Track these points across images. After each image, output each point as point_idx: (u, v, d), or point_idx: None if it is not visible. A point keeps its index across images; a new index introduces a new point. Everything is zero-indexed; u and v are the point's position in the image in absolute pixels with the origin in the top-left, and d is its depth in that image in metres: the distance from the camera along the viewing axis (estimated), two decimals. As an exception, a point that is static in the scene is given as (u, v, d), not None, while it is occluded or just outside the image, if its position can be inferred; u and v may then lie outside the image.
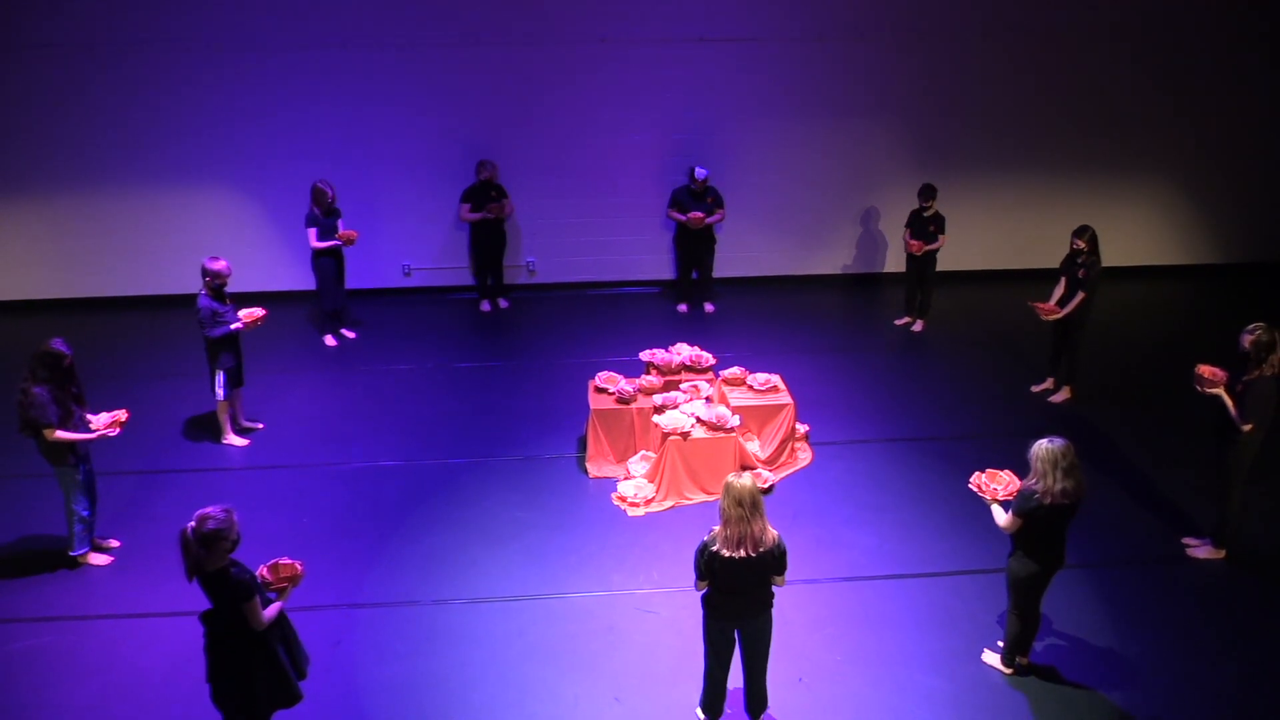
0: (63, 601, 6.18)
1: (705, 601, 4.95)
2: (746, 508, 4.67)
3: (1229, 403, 6.16)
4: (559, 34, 10.50)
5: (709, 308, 10.82)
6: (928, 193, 9.81)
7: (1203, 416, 6.38)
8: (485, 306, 10.86)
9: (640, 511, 7.13)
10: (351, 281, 11.20)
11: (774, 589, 4.90)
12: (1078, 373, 8.75)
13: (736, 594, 4.82)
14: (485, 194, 10.27)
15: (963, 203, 11.46)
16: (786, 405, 7.69)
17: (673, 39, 10.63)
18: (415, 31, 10.35)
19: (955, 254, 11.47)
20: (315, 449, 7.98)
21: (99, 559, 6.59)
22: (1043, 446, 5.09)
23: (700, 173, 10.15)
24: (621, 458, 7.70)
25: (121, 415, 6.48)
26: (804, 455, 7.87)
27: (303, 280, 11.06)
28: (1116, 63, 11.14)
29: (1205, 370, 6.24)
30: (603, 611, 6.08)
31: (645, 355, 8.21)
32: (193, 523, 4.43)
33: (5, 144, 10.34)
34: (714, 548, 4.73)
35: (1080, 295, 8.32)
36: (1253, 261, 12.13)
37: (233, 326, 7.70)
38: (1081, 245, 8.29)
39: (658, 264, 11.49)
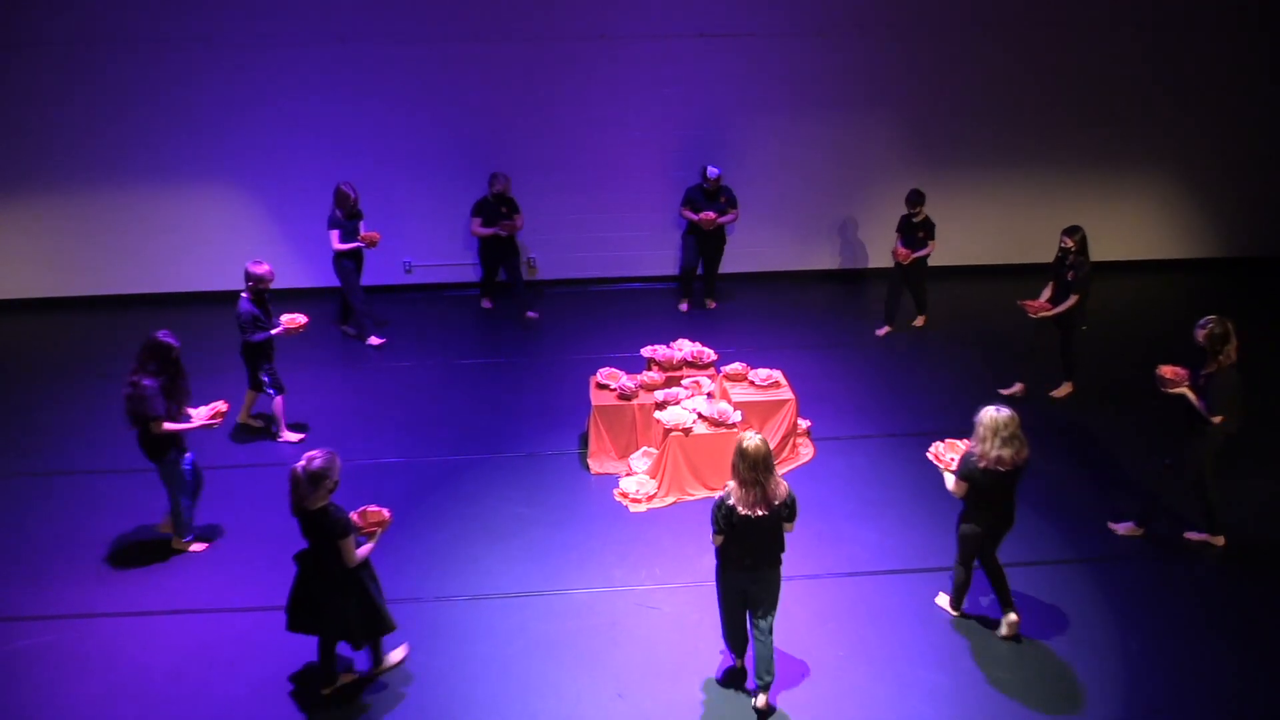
0: (65, 600, 6.18)
1: (720, 554, 5.13)
2: (760, 470, 4.87)
3: (1193, 399, 6.24)
4: (559, 30, 10.49)
5: (711, 304, 10.82)
6: (916, 198, 9.56)
7: (1172, 414, 6.51)
8: (487, 304, 10.84)
9: (642, 507, 7.14)
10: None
11: (785, 536, 5.14)
12: (1076, 369, 8.74)
13: (751, 547, 5.01)
14: (496, 209, 10.06)
15: (964, 197, 11.46)
16: (788, 401, 7.68)
17: (673, 35, 10.62)
18: (415, 28, 10.34)
19: (957, 249, 11.47)
20: (316, 446, 7.95)
21: (199, 546, 6.69)
22: (988, 414, 5.36)
23: (712, 171, 9.99)
24: (623, 454, 7.70)
25: (221, 406, 6.54)
26: (806, 451, 7.87)
27: (303, 278, 11.08)
28: (1116, 56, 11.12)
29: (1166, 371, 6.34)
30: (605, 607, 6.08)
31: (647, 351, 8.20)
32: (302, 462, 4.94)
33: (4, 142, 10.34)
34: (730, 502, 4.93)
35: (1072, 298, 8.24)
36: (1254, 255, 12.12)
37: (273, 332, 7.69)
38: (1071, 245, 8.20)
39: (659, 260, 11.48)
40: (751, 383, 7.85)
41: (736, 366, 8.01)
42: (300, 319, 7.87)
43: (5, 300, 10.88)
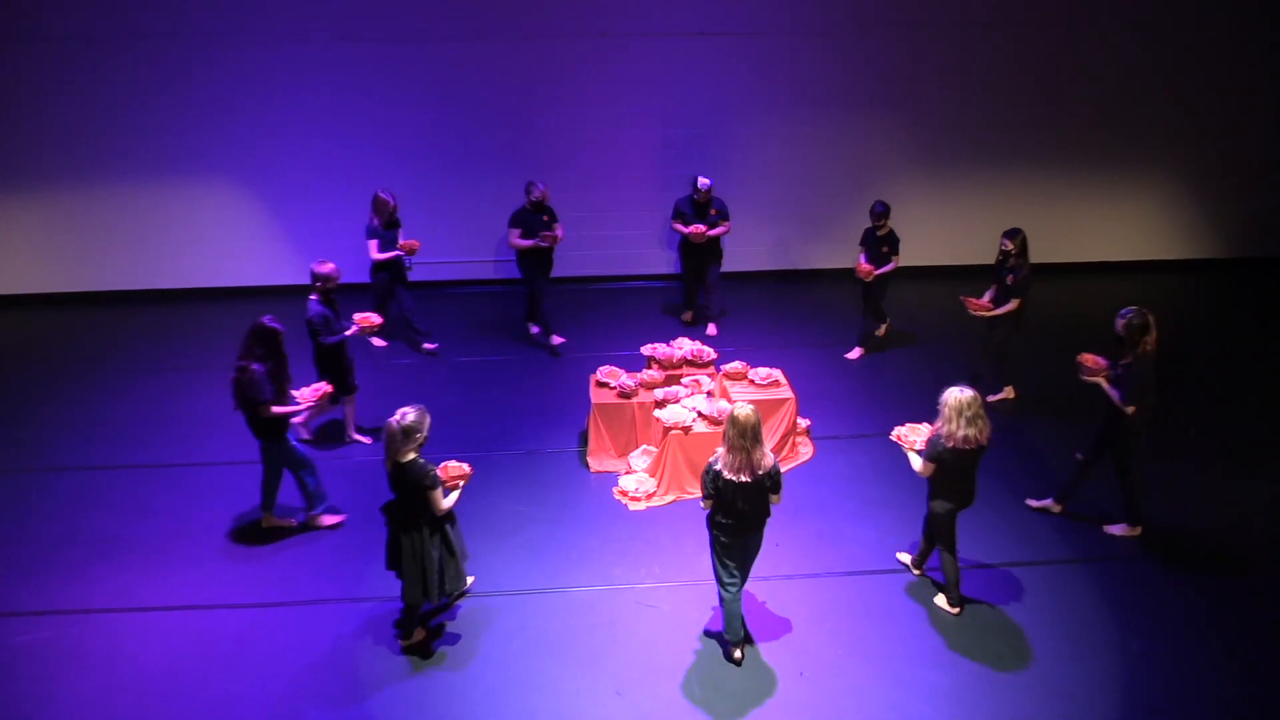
0: (64, 596, 6.18)
1: (710, 519, 5.46)
2: (749, 438, 5.18)
3: (1107, 389, 6.36)
4: (560, 28, 10.48)
5: (711, 330, 10.00)
6: (882, 210, 9.02)
7: (1094, 403, 6.59)
8: (535, 330, 9.99)
9: (641, 506, 7.13)
10: (352, 276, 11.21)
11: (771, 507, 5.44)
12: (1015, 374, 8.60)
13: (737, 511, 5.29)
14: (538, 219, 9.30)
15: (966, 197, 11.46)
16: (788, 400, 7.68)
17: (673, 33, 10.61)
18: (416, 26, 10.33)
19: (958, 249, 11.47)
20: (317, 444, 7.98)
21: (330, 519, 6.83)
22: (952, 394, 5.59)
23: (703, 182, 9.46)
24: (623, 452, 7.70)
25: (326, 387, 6.63)
26: (805, 450, 7.87)
27: (303, 275, 11.06)
28: (1118, 56, 11.12)
29: (1087, 359, 6.46)
30: (604, 605, 6.08)
31: (647, 350, 8.20)
32: (395, 417, 5.32)
33: (5, 138, 10.33)
34: (717, 467, 5.25)
35: (1013, 301, 8.14)
36: (1256, 256, 12.12)
37: (347, 333, 7.50)
38: (1011, 248, 8.10)
39: (658, 259, 11.48)
40: (751, 381, 7.85)
41: (736, 365, 8.01)
42: (374, 318, 7.69)
43: (4, 295, 10.88)
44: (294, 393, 6.59)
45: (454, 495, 5.62)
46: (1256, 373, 9.27)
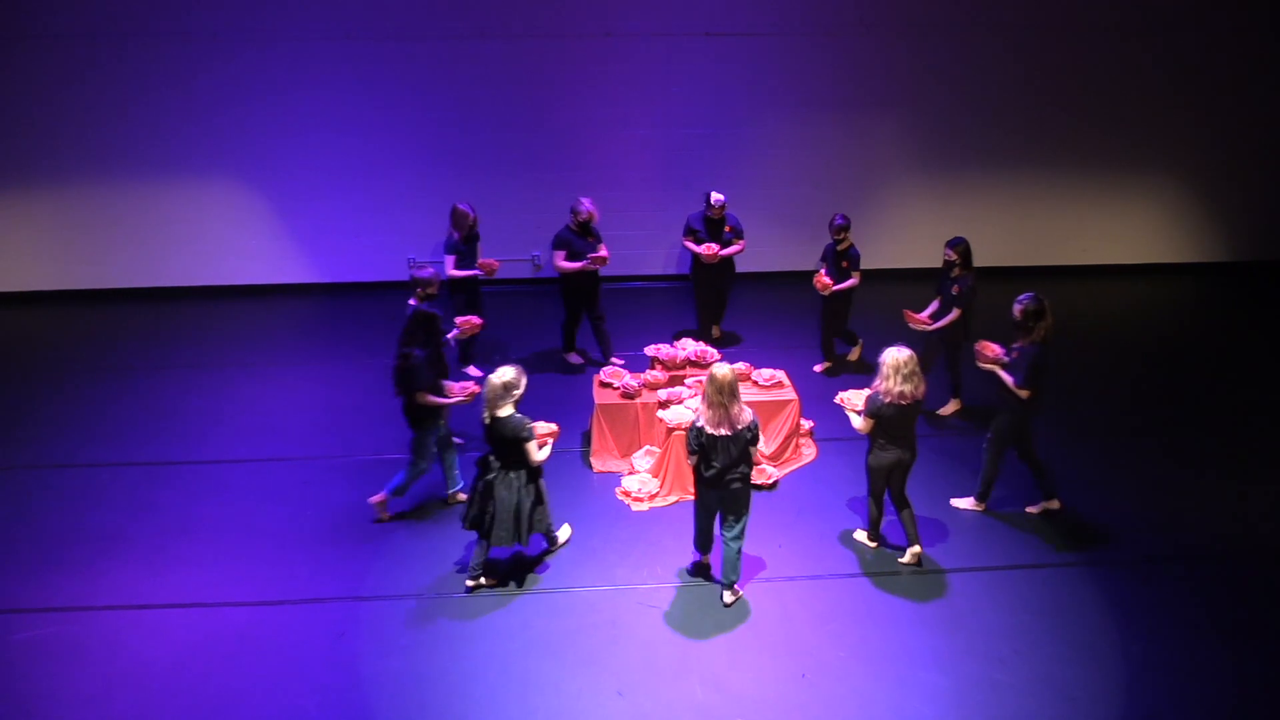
0: (66, 592, 6.18)
1: (695, 472, 5.91)
2: (725, 395, 5.69)
3: (1002, 374, 6.55)
4: (564, 27, 10.48)
5: (717, 332, 9.87)
6: (842, 223, 8.57)
7: (996, 389, 6.72)
8: (575, 359, 9.44)
9: (644, 506, 7.13)
10: (355, 274, 11.23)
11: (754, 460, 5.99)
12: (961, 386, 8.43)
13: (719, 465, 5.74)
14: (584, 241, 8.74)
15: (971, 198, 11.45)
16: (791, 401, 7.68)
17: (678, 33, 10.61)
18: (420, 24, 10.33)
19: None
20: (318, 442, 7.99)
21: (464, 496, 7.01)
22: (890, 354, 6.03)
23: (717, 198, 8.94)
24: (626, 452, 7.69)
25: (474, 388, 6.77)
26: (808, 451, 7.86)
27: (305, 274, 11.09)
28: (1126, 58, 11.11)
29: (984, 347, 6.67)
30: (606, 606, 6.08)
31: (650, 350, 8.19)
32: (496, 374, 5.86)
33: (8, 135, 10.35)
34: (699, 424, 5.74)
35: (955, 312, 7.95)
36: (1262, 260, 12.10)
37: (448, 337, 7.40)
38: (954, 257, 7.96)
39: (662, 259, 11.47)
40: (755, 382, 7.84)
41: (740, 366, 7.99)
42: (475, 320, 7.66)
43: (6, 293, 10.89)
44: (446, 384, 6.81)
45: (546, 449, 6.08)
46: (1261, 376, 9.25)
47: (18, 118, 10.29)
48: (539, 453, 6.00)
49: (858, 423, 6.29)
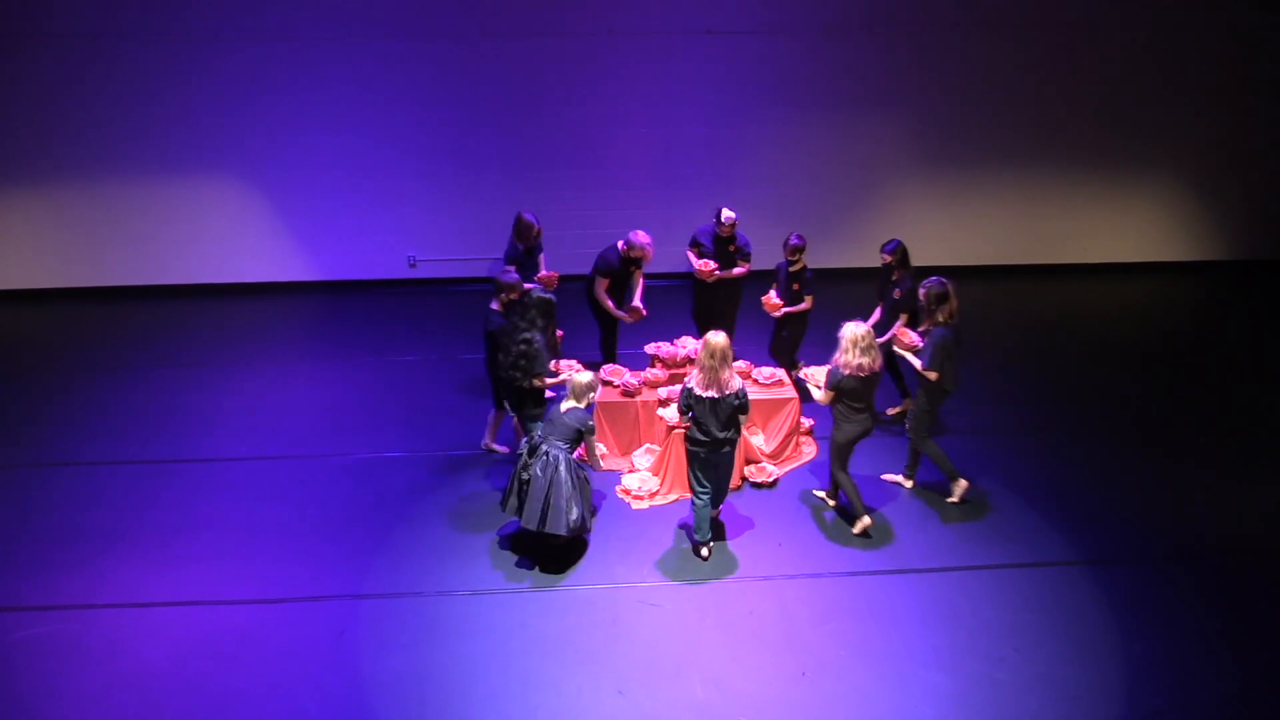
0: (67, 591, 6.19)
1: (687, 436, 6.30)
2: (717, 359, 6.07)
3: (911, 358, 6.89)
4: (566, 26, 10.48)
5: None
6: (797, 244, 8.18)
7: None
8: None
9: (644, 504, 7.13)
10: (356, 272, 11.24)
11: (742, 427, 6.44)
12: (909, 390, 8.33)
13: (708, 428, 6.15)
14: (627, 275, 8.50)
15: (972, 197, 11.45)
16: (791, 400, 7.68)
17: (680, 31, 10.60)
18: (421, 23, 10.34)
19: (966, 249, 11.45)
20: (319, 440, 7.99)
21: (503, 448, 7.56)
22: (848, 328, 6.36)
23: (728, 215, 8.35)
24: (626, 450, 7.69)
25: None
26: (808, 450, 7.86)
27: (305, 273, 11.09)
28: (1125, 57, 11.10)
29: (903, 334, 7.07)
30: (606, 604, 6.08)
31: (650, 348, 8.18)
32: (579, 372, 6.31)
33: (8, 133, 10.35)
34: (690, 385, 6.15)
35: (902, 317, 7.66)
36: (1262, 258, 12.09)
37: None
38: (890, 261, 7.87)
39: (662, 257, 11.43)
40: (755, 381, 7.84)
41: (741, 364, 7.99)
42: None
43: (8, 290, 10.90)
44: (554, 364, 6.95)
45: (602, 448, 6.77)
46: (1262, 376, 9.24)
47: (20, 116, 10.30)
48: (597, 452, 6.58)
49: (818, 395, 6.63)
